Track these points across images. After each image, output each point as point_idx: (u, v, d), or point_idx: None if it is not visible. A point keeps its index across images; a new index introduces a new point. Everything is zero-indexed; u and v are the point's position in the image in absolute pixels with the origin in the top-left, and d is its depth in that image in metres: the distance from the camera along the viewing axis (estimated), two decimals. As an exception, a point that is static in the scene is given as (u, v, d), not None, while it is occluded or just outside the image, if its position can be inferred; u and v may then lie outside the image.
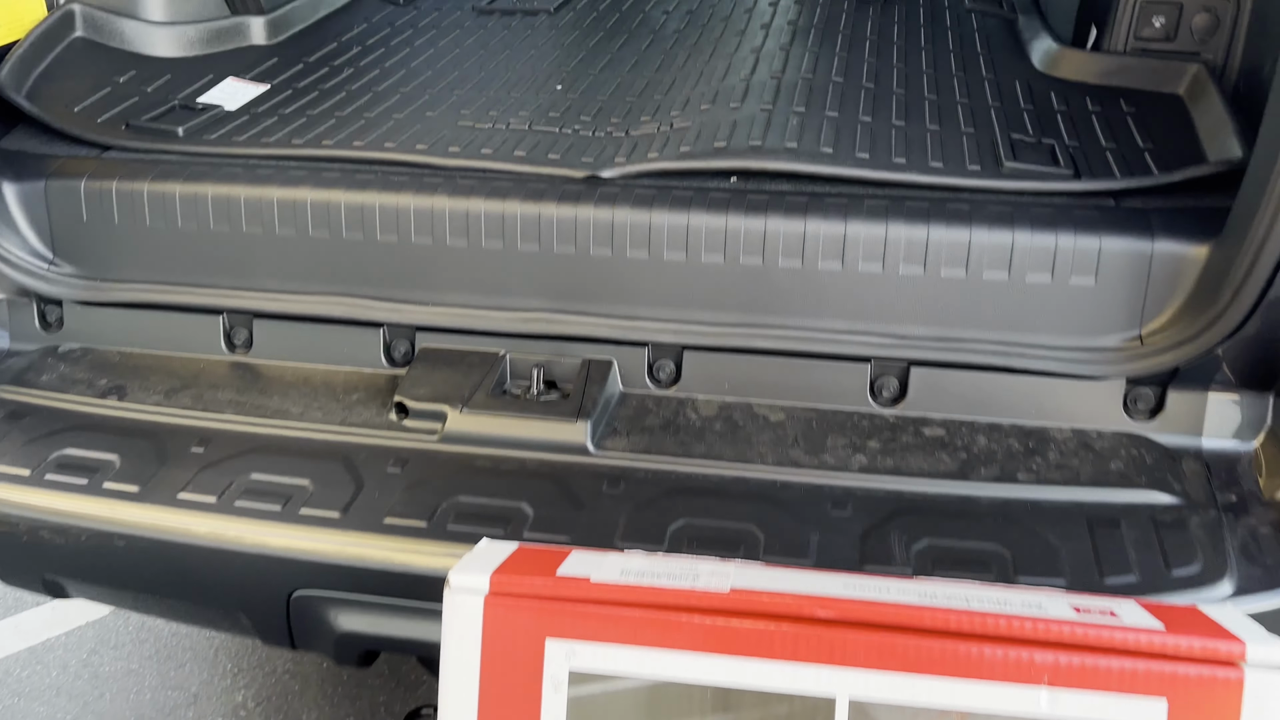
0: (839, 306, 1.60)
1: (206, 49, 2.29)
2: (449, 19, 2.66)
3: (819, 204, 1.60)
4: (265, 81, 2.21)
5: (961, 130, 1.81)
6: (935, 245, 1.54)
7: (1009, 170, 1.65)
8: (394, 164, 1.80)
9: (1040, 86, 2.00)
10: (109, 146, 1.90)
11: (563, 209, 1.66)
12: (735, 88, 1.97)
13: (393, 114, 2.02)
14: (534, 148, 1.83)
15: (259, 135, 1.92)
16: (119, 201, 1.78)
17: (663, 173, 1.71)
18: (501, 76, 2.21)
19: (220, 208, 1.76)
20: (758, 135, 1.74)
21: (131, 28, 2.20)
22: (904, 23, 2.37)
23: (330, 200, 1.72)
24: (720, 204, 1.62)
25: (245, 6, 2.37)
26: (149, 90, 2.10)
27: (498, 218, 1.68)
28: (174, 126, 1.93)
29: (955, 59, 2.16)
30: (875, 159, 1.69)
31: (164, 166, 1.81)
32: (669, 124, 1.89)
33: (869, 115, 1.84)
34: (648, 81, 2.16)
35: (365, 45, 2.46)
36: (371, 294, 1.75)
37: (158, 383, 1.76)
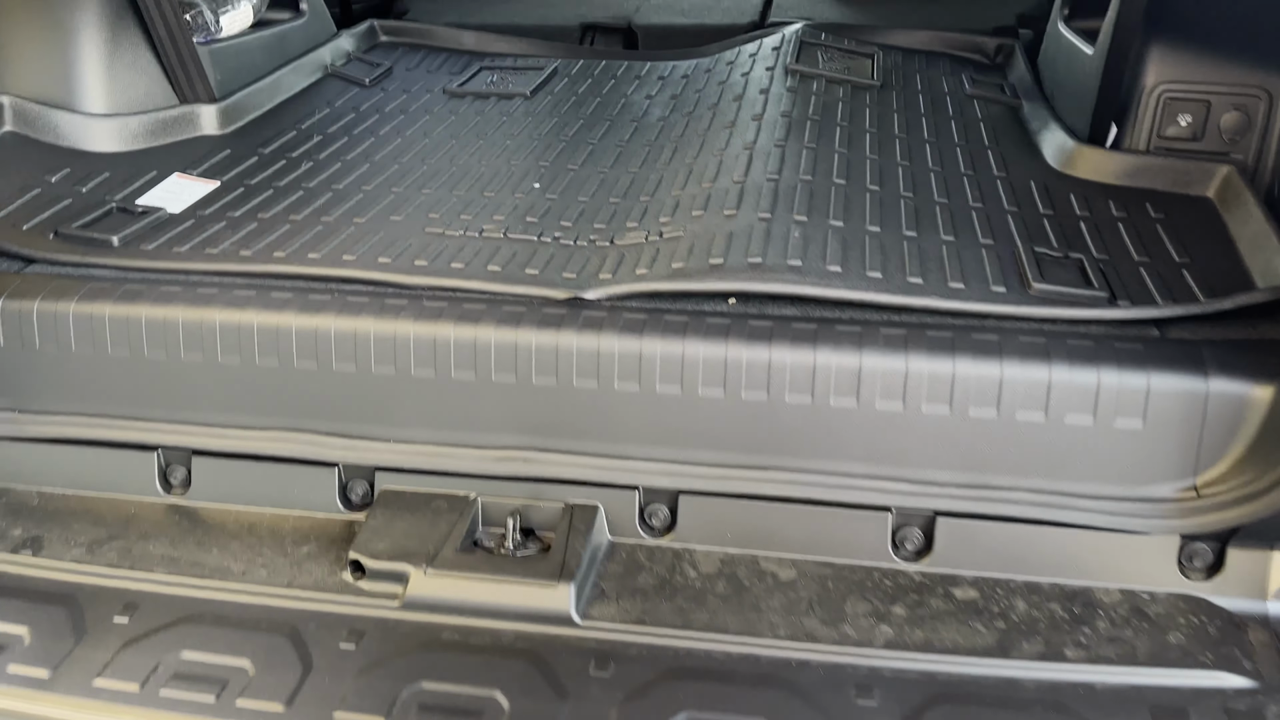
0: (854, 448, 1.42)
1: (151, 141, 2.11)
2: (418, 103, 2.49)
3: (830, 332, 1.43)
4: (215, 177, 2.03)
5: (980, 241, 1.65)
6: (962, 381, 1.37)
7: (1038, 293, 1.48)
8: (353, 281, 1.62)
9: (1058, 187, 1.85)
10: (33, 260, 1.70)
11: (543, 335, 1.47)
12: (729, 191, 1.81)
13: (353, 218, 1.83)
14: (510, 260, 1.66)
15: (203, 245, 1.73)
16: (40, 324, 1.58)
17: (654, 294, 1.54)
18: (474, 171, 2.04)
19: (156, 332, 1.56)
20: (757, 250, 1.57)
21: (67, 121, 2.01)
22: (904, 112, 2.22)
23: (280, 324, 1.53)
24: (719, 331, 1.45)
25: (195, 94, 2.19)
26: (84, 191, 1.91)
27: (469, 345, 1.49)
28: (108, 235, 1.74)
29: (963, 154, 2.02)
30: (889, 279, 1.52)
31: (94, 284, 1.61)
32: (658, 233, 1.72)
33: (877, 224, 1.68)
34: (632, 179, 2.00)
35: (326, 133, 2.29)
36: (326, 429, 1.56)
37: (81, 532, 1.55)
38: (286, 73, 2.48)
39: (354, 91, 2.57)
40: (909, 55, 2.61)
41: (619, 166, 2.08)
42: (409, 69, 2.78)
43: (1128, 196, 1.80)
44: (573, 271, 1.63)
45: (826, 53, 2.51)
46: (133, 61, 2.10)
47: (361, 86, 2.60)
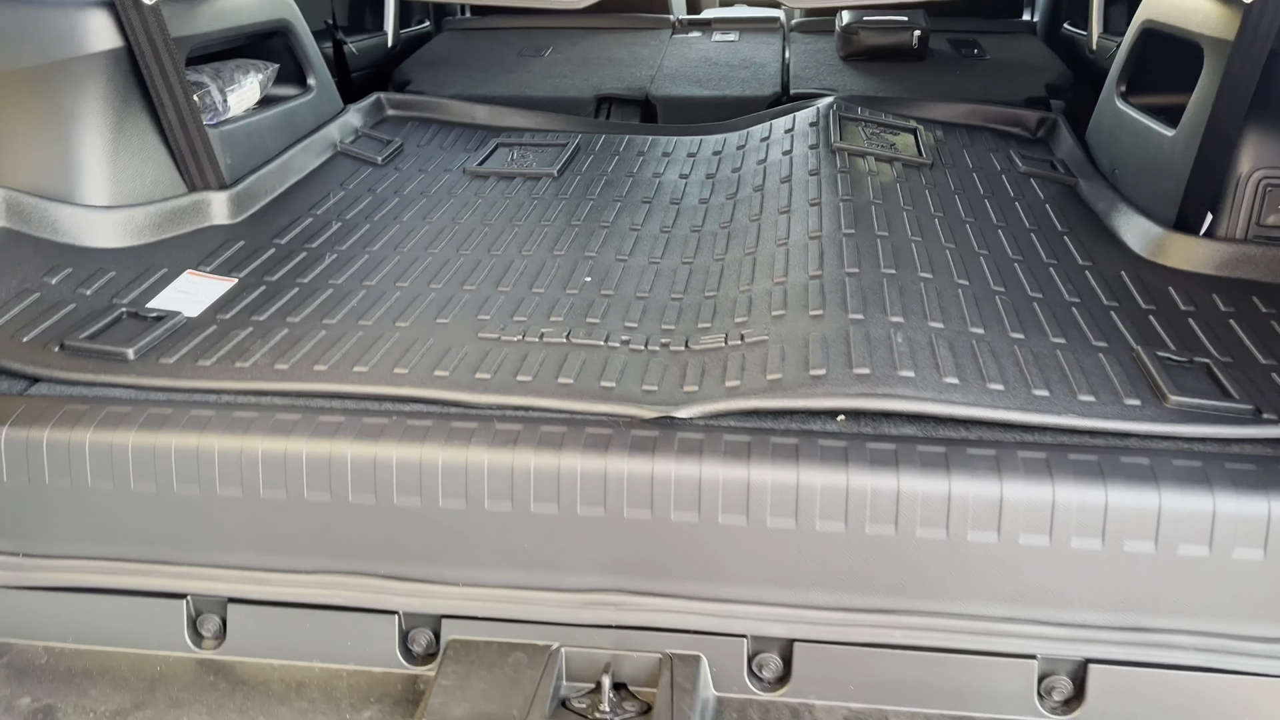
0: (995, 588, 1.27)
1: (158, 234, 1.92)
2: (438, 184, 2.34)
3: (961, 456, 1.28)
4: (231, 274, 1.85)
5: (1092, 344, 1.52)
6: (1115, 512, 1.23)
7: (1177, 407, 1.35)
8: (411, 400, 1.44)
9: (1153, 279, 1.74)
10: (37, 378, 1.50)
11: (635, 462, 1.31)
12: (806, 287, 1.67)
13: (395, 321, 1.66)
14: (580, 370, 1.49)
15: (230, 356, 1.55)
16: (51, 456, 1.39)
17: (752, 411, 1.38)
18: (516, 263, 1.88)
19: (187, 463, 1.37)
20: (861, 359, 1.42)
21: (68, 215, 1.82)
22: (964, 194, 2.11)
23: (332, 453, 1.35)
24: (836, 455, 1.29)
25: (205, 180, 2.01)
26: (88, 294, 1.72)
27: (551, 474, 1.32)
28: (122, 347, 1.55)
29: (1039, 241, 1.90)
30: (1012, 391, 1.38)
31: (112, 408, 1.42)
32: (739, 336, 1.57)
33: (979, 325, 1.55)
34: (690, 270, 1.86)
35: (345, 220, 2.12)
36: (384, 572, 1.37)
37: (101, 699, 1.34)
38: (296, 152, 2.31)
39: (367, 171, 2.41)
40: (950, 130, 2.52)
41: (671, 255, 1.94)
42: (421, 145, 2.63)
43: (1231, 289, 1.69)
44: (653, 383, 1.47)
45: (867, 128, 2.41)
46: (139, 148, 1.92)
47: (375, 166, 2.44)
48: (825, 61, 3.24)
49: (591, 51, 3.40)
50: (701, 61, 3.30)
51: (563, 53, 3.41)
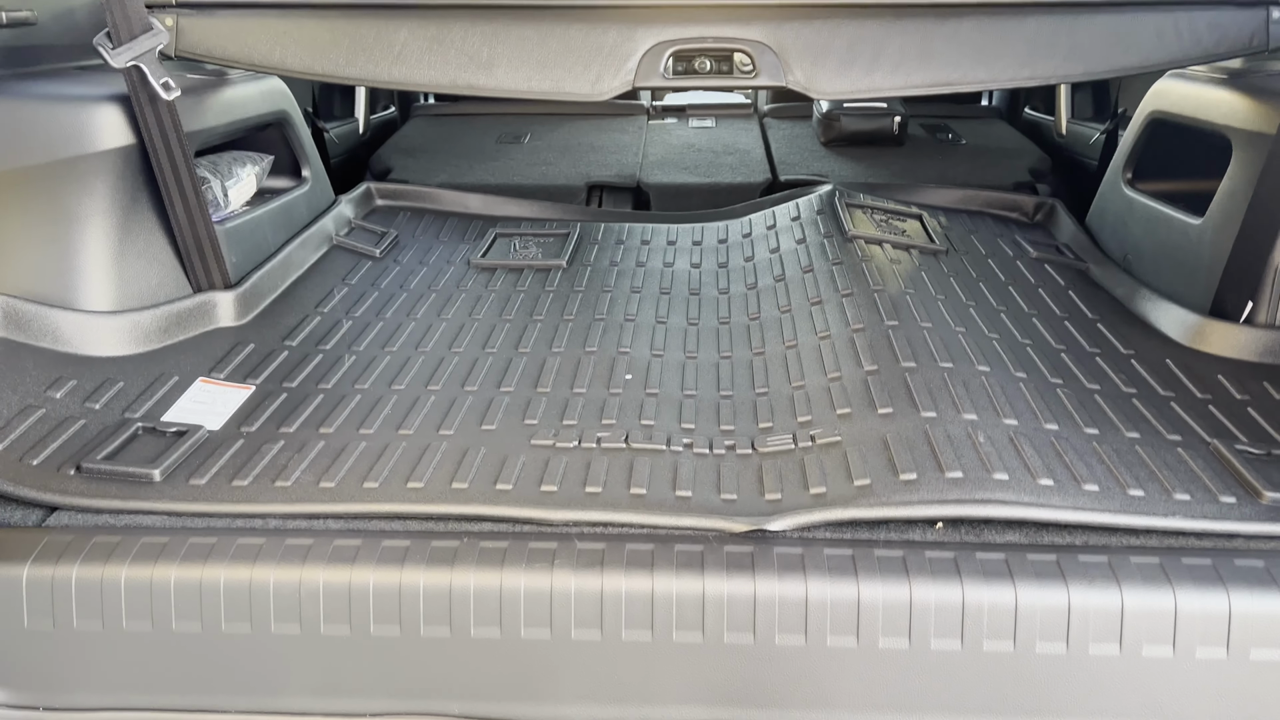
0: (1120, 704, 1.21)
1: (165, 340, 1.80)
2: (444, 277, 2.26)
3: (1074, 564, 1.23)
4: (245, 381, 1.73)
5: (1166, 438, 1.51)
6: (1239, 618, 1.19)
7: (1274, 504, 1.33)
8: (477, 519, 1.34)
9: (1200, 367, 1.74)
10: (55, 506, 1.36)
11: (734, 583, 1.23)
12: (863, 381, 1.62)
13: (438, 429, 1.57)
14: (650, 478, 1.42)
15: (269, 474, 1.43)
16: (80, 597, 1.25)
17: (847, 522, 1.32)
18: (549, 361, 1.81)
19: (238, 598, 1.24)
20: (950, 461, 1.38)
21: (70, 322, 1.68)
22: (987, 281, 2.12)
23: (403, 583, 1.24)
24: (946, 568, 1.23)
25: (211, 280, 1.89)
26: (98, 407, 1.58)
27: (644, 597, 1.23)
28: (147, 468, 1.42)
29: (1076, 329, 1.90)
30: (1108, 493, 1.35)
31: (147, 538, 1.29)
32: (808, 438, 1.51)
33: (1052, 422, 1.52)
34: (732, 366, 1.80)
35: (355, 318, 2.02)
36: (459, 711, 1.26)
37: None
38: (295, 247, 2.21)
39: (367, 265, 2.31)
40: (952, 215, 2.54)
41: (706, 350, 1.88)
42: (416, 236, 2.54)
43: (1279, 376, 1.70)
44: (730, 491, 1.40)
45: (875, 215, 2.41)
46: (145, 249, 1.80)
47: (373, 259, 2.35)
48: (807, 147, 3.27)
49: (572, 138, 3.37)
50: (685, 148, 3.30)
51: (543, 139, 3.38)
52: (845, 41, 1.93)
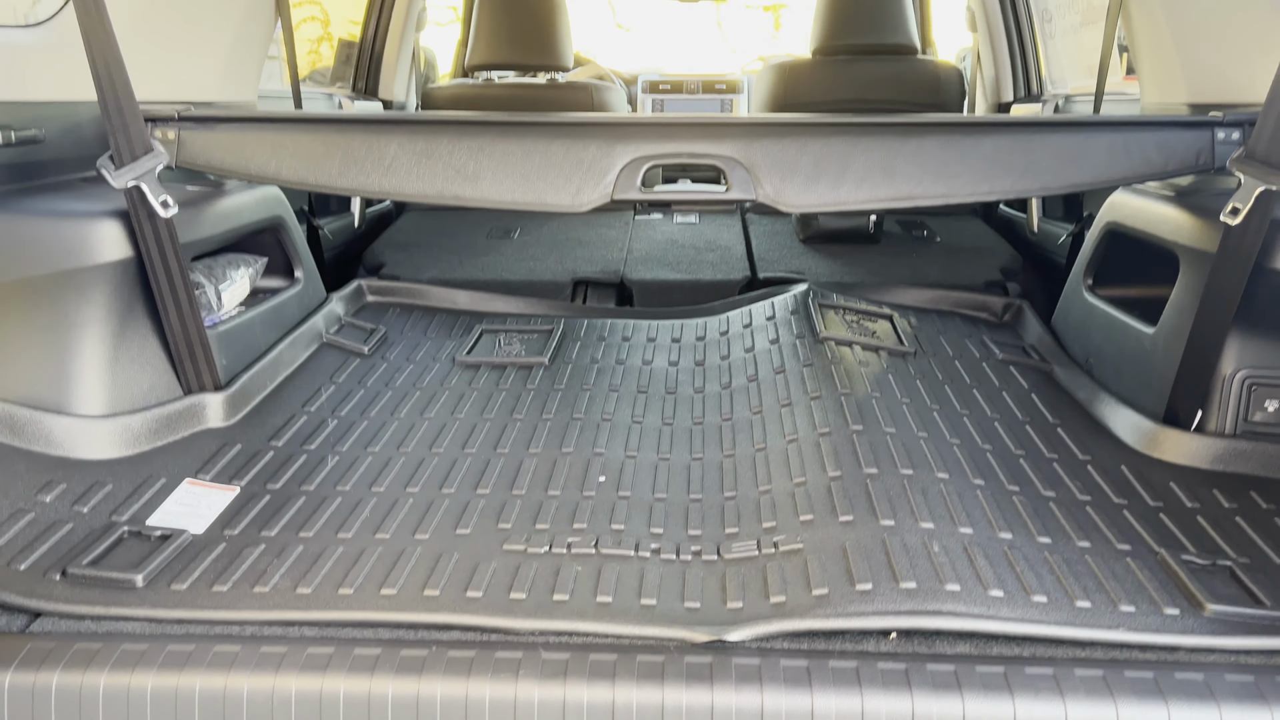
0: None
1: (154, 442, 1.86)
2: (429, 375, 2.33)
3: (1020, 676, 1.28)
4: (231, 482, 1.79)
5: (1116, 548, 1.56)
6: (1180, 733, 1.23)
7: (1216, 616, 1.38)
8: (445, 627, 1.39)
9: (1152, 474, 1.81)
10: (40, 612, 1.41)
11: (693, 694, 1.27)
12: (827, 488, 1.68)
13: (414, 533, 1.62)
14: (617, 585, 1.47)
15: (248, 580, 1.48)
16: (60, 704, 1.28)
17: (805, 633, 1.37)
18: (526, 463, 1.87)
19: (212, 707, 1.28)
20: (905, 571, 1.43)
21: (62, 426, 1.75)
22: (952, 384, 2.19)
23: (371, 691, 1.28)
24: (897, 680, 1.28)
25: (201, 383, 1.96)
26: (85, 511, 1.64)
27: (606, 708, 1.27)
28: (130, 574, 1.47)
29: (1036, 434, 1.97)
30: (1056, 603, 1.40)
31: (127, 645, 1.33)
32: (771, 544, 1.56)
33: (1006, 530, 1.58)
34: (703, 469, 1.86)
35: (340, 417, 2.09)
36: (426, 819, 1.28)
37: None
38: (285, 346, 2.28)
39: (355, 362, 2.39)
40: (923, 316, 2.63)
41: (679, 450, 1.94)
42: (405, 333, 2.63)
43: (1228, 484, 1.76)
44: (694, 599, 1.45)
45: (846, 316, 2.50)
46: (138, 354, 1.87)
47: (361, 356, 2.42)
48: (786, 244, 3.38)
49: (560, 234, 3.48)
50: (669, 244, 3.41)
51: (532, 234, 3.49)
52: (812, 159, 2.04)
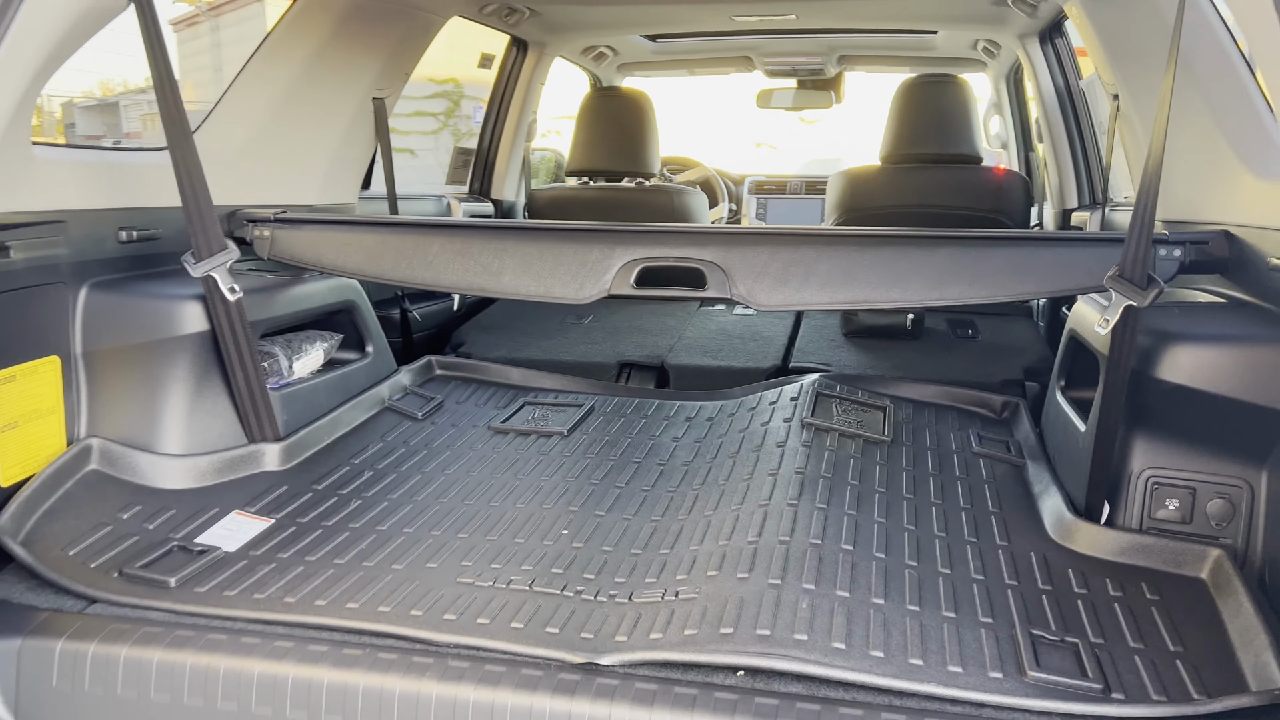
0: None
1: (218, 478, 2.31)
2: (464, 438, 2.71)
3: (833, 714, 1.48)
4: (270, 515, 2.20)
5: (979, 620, 1.73)
6: (964, 776, 1.41)
7: (1034, 681, 1.54)
8: (385, 636, 1.72)
9: (1057, 561, 1.95)
10: (96, 599, 1.84)
11: (557, 701, 1.55)
12: (743, 552, 1.93)
13: (392, 564, 1.97)
14: (533, 616, 1.76)
15: (251, 589, 1.87)
16: (93, 667, 1.69)
17: (666, 663, 1.62)
18: (509, 515, 2.20)
19: (198, 679, 1.66)
20: (766, 621, 1.66)
21: (146, 462, 2.22)
22: (913, 470, 2.38)
23: (313, 678, 1.62)
24: (726, 707, 1.51)
25: (262, 434, 2.41)
26: (150, 528, 2.08)
27: (487, 708, 1.56)
28: (166, 576, 1.88)
29: (968, 519, 2.14)
30: (890, 659, 1.59)
31: (147, 628, 1.73)
32: (674, 593, 1.82)
33: (881, 596, 1.78)
34: (654, 529, 2.14)
35: (377, 469, 2.49)
36: (341, 785, 1.60)
37: None
38: (347, 409, 2.72)
39: (406, 425, 2.80)
40: (920, 408, 2.81)
41: (643, 514, 2.22)
42: (459, 403, 3.03)
43: (1124, 574, 1.88)
44: (591, 631, 1.72)
45: (841, 405, 2.72)
46: (211, 408, 2.34)
47: (414, 420, 2.84)
48: (829, 338, 3.61)
49: (624, 321, 3.85)
50: (718, 333, 3.70)
51: (600, 321, 3.87)
52: (781, 264, 2.32)
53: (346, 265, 2.59)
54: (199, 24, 27.82)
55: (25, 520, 1.98)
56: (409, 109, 13.85)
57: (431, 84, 13.13)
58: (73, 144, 2.41)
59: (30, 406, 2.08)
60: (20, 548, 1.90)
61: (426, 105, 12.65)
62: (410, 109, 13.28)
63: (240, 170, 2.81)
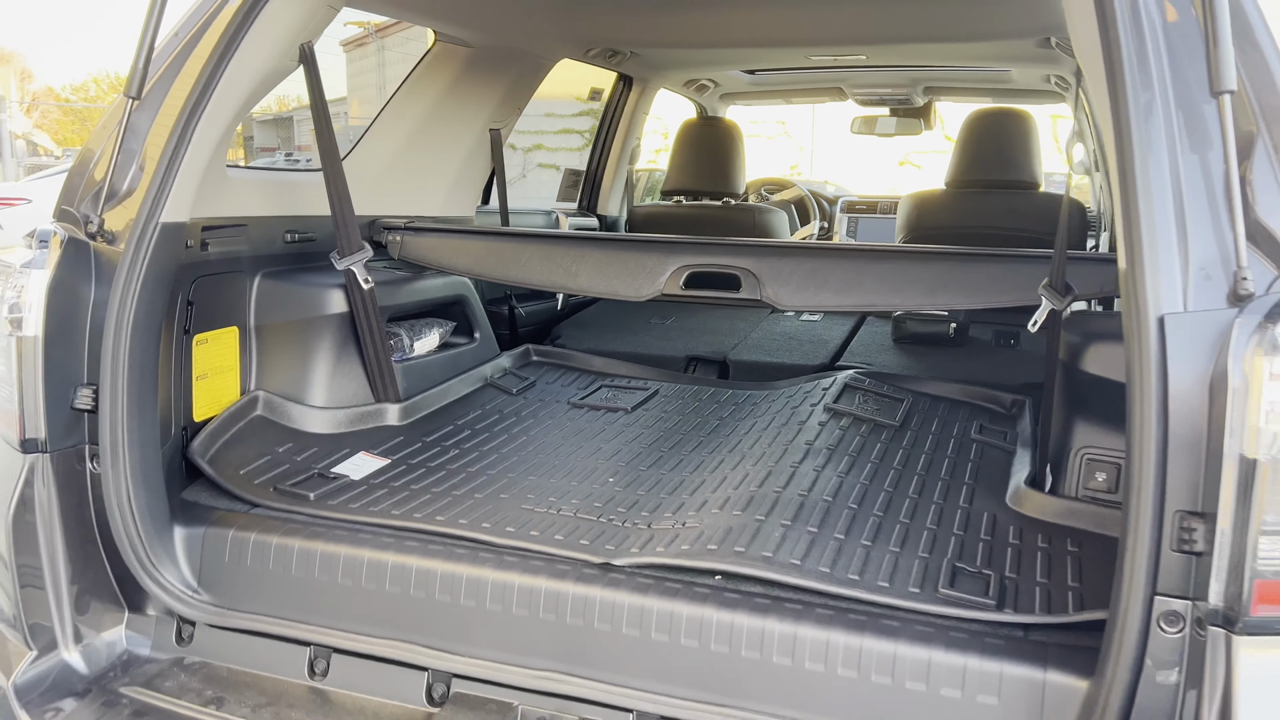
0: (788, 697, 1.91)
1: (350, 428, 2.95)
2: (547, 409, 3.29)
3: (779, 607, 1.97)
4: (388, 456, 2.82)
5: (918, 555, 2.17)
6: (867, 654, 1.87)
7: (942, 596, 1.98)
8: (460, 539, 2.30)
9: (1004, 521, 2.36)
10: (257, 504, 2.49)
11: (578, 588, 2.08)
12: (744, 497, 2.42)
13: (475, 494, 2.55)
14: (572, 533, 2.30)
15: (368, 505, 2.48)
16: (254, 550, 2.33)
17: (663, 566, 2.14)
18: (571, 466, 2.75)
19: (325, 562, 2.27)
20: (744, 543, 2.16)
21: (297, 410, 2.89)
22: (910, 449, 2.81)
23: (406, 564, 2.21)
24: (701, 598, 2.01)
25: (386, 395, 3.05)
26: (299, 459, 2.73)
27: (528, 590, 2.11)
28: (307, 492, 2.51)
29: (942, 487, 2.56)
30: (834, 574, 2.06)
31: (291, 525, 2.36)
32: (683, 523, 2.34)
33: (843, 534, 2.24)
34: (683, 481, 2.65)
35: (475, 429, 3.09)
36: (424, 642, 2.18)
37: (249, 698, 2.20)
38: (455, 382, 3.34)
39: (502, 398, 3.40)
40: (936, 402, 3.22)
41: (677, 471, 2.74)
42: (548, 383, 3.61)
43: (1055, 532, 2.28)
44: (613, 544, 2.25)
45: (864, 396, 3.16)
46: (348, 372, 2.99)
47: (510, 395, 3.43)
48: (880, 343, 4.03)
49: (700, 323, 4.37)
50: (780, 336, 4.18)
51: (680, 322, 4.40)
52: (804, 272, 2.80)
53: (458, 265, 3.21)
54: (367, 44, 29.74)
55: (210, 447, 2.65)
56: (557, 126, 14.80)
57: (578, 102, 14.07)
58: (253, 166, 3.12)
59: (217, 363, 2.76)
60: (207, 465, 2.58)
61: (573, 123, 13.50)
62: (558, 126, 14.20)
63: (381, 187, 3.47)
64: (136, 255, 2.21)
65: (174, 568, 2.34)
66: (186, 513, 2.43)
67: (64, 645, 2.29)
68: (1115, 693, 1.59)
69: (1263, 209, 1.57)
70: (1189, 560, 1.53)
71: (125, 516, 2.24)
